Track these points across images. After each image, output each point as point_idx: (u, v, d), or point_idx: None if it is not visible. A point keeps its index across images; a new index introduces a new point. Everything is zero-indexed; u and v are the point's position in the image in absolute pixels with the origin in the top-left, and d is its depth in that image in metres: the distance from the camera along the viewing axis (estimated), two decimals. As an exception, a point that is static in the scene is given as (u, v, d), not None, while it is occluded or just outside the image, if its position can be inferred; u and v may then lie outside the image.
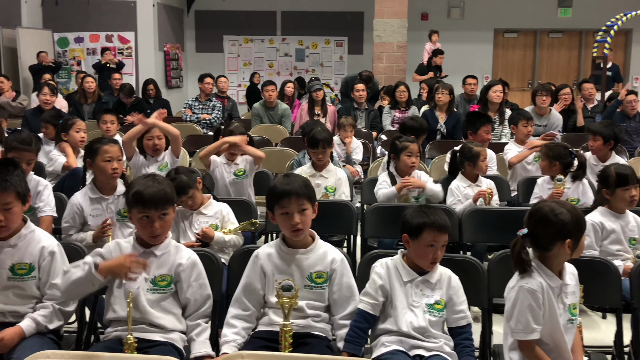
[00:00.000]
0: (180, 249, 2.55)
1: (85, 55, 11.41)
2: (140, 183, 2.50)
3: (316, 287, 2.49)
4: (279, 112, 7.57)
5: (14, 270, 2.47)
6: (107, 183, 3.46)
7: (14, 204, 2.46)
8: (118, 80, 8.77)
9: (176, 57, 12.55)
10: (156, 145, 4.33)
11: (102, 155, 3.45)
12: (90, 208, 3.42)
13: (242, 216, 3.58)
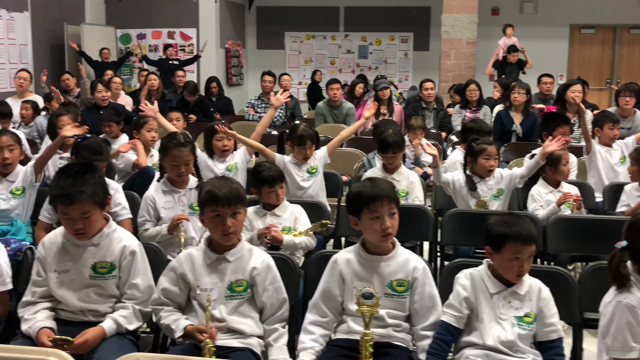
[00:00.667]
0: (253, 252, 2.58)
1: (147, 52, 11.69)
2: (213, 183, 2.56)
3: (397, 296, 2.47)
4: (344, 111, 7.57)
5: (96, 268, 2.54)
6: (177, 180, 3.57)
7: (92, 212, 2.52)
8: (181, 77, 8.95)
9: (237, 54, 12.72)
10: (225, 145, 4.40)
11: (171, 158, 3.54)
12: (162, 200, 3.54)
13: (314, 218, 3.60)
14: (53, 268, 2.55)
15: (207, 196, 2.50)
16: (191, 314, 2.52)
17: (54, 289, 2.54)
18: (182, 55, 11.52)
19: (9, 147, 3.77)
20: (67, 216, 2.49)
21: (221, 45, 11.93)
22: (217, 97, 9.02)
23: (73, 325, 2.51)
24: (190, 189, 3.60)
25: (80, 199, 2.47)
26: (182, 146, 3.55)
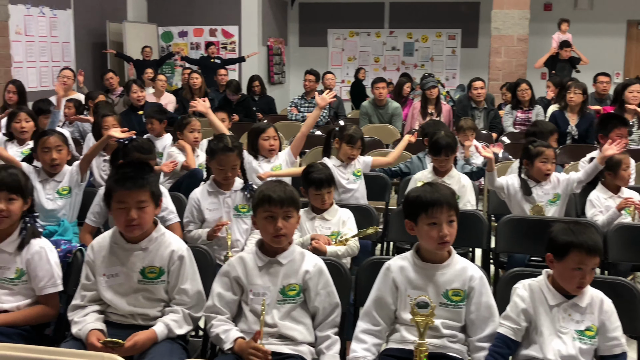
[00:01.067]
0: (305, 256, 2.60)
1: (189, 50, 11.87)
2: (268, 185, 2.60)
3: (452, 306, 2.46)
4: (389, 111, 7.55)
5: (144, 273, 2.59)
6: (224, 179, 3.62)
7: (148, 204, 2.59)
8: (224, 76, 9.04)
9: (279, 52, 12.80)
10: (272, 145, 4.43)
11: (218, 162, 3.58)
12: (207, 202, 3.60)
13: (362, 222, 3.60)
14: (102, 272, 2.61)
15: (261, 197, 2.54)
16: (241, 320, 2.55)
17: (103, 292, 2.60)
18: (224, 53, 11.66)
19: (57, 147, 3.86)
20: (122, 204, 2.55)
21: (263, 42, 12.02)
22: (260, 96, 9.09)
23: (123, 328, 2.56)
24: (235, 191, 3.64)
25: (141, 185, 2.57)
26: (229, 151, 3.59)
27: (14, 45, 8.54)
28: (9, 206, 2.68)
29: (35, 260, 2.68)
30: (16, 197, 2.70)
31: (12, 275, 2.67)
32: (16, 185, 2.70)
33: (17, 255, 2.69)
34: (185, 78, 8.87)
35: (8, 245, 2.70)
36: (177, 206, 3.77)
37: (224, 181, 3.61)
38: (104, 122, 4.86)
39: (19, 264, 2.68)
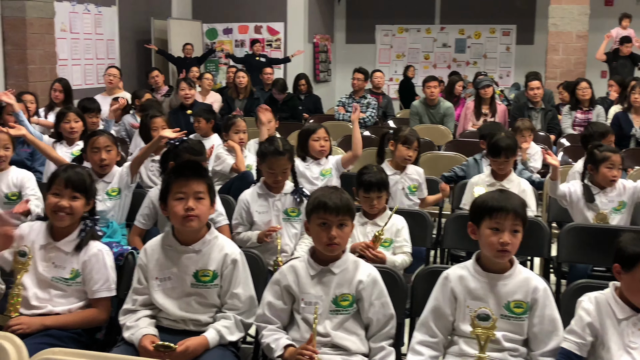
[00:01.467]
0: (359, 265, 2.60)
1: (234, 47, 11.99)
2: (323, 191, 2.61)
3: (514, 318, 2.44)
4: (441, 111, 7.51)
5: (198, 276, 2.63)
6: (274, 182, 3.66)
7: (205, 196, 2.65)
8: (269, 75, 9.11)
9: (325, 49, 12.83)
10: (323, 146, 4.45)
11: (268, 165, 3.62)
12: (256, 204, 3.64)
13: (415, 229, 3.59)
14: (154, 275, 2.66)
15: (316, 203, 2.55)
16: (293, 328, 2.57)
17: (155, 297, 2.65)
18: (269, 50, 11.74)
19: (106, 147, 3.95)
20: (181, 194, 2.61)
21: (309, 39, 12.07)
22: (306, 95, 9.12)
23: (174, 333, 2.60)
24: (285, 194, 3.67)
25: (200, 175, 2.65)
26: (280, 154, 3.63)
27: (59, 43, 8.76)
28: (72, 204, 2.77)
29: (92, 262, 2.76)
30: (80, 196, 2.79)
31: (67, 276, 2.75)
32: (81, 184, 2.80)
33: (74, 255, 2.77)
34: (231, 77, 8.98)
35: (66, 244, 2.78)
36: (226, 209, 3.82)
37: (275, 184, 3.65)
38: (152, 123, 4.93)
39: (75, 265, 2.76)
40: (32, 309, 2.70)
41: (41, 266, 2.76)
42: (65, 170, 2.84)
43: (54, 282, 2.75)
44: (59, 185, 2.78)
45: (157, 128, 4.83)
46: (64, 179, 2.79)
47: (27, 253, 2.71)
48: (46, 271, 2.76)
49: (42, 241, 2.79)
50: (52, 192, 2.79)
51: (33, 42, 8.13)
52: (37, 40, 8.21)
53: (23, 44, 8.06)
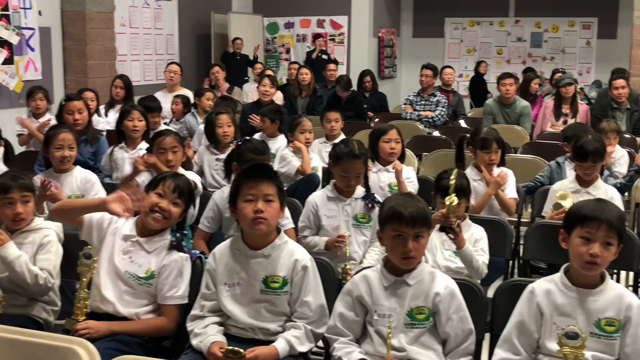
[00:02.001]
0: (435, 276, 2.59)
1: (295, 42, 12.09)
2: (398, 199, 2.60)
3: (605, 337, 2.39)
4: (517, 111, 7.38)
5: (267, 283, 2.67)
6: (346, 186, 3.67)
7: (274, 199, 2.69)
8: (333, 71, 9.13)
9: (391, 44, 12.80)
10: (393, 149, 4.43)
11: (342, 168, 3.62)
12: (325, 207, 3.66)
13: (494, 238, 3.55)
14: (223, 281, 2.71)
15: (390, 213, 2.54)
16: (366, 341, 2.58)
17: (224, 303, 2.70)
18: (332, 45, 11.78)
19: (172, 148, 4.04)
20: (250, 197, 2.66)
21: (374, 34, 12.06)
22: (371, 92, 9.12)
23: (242, 342, 2.64)
24: (356, 199, 3.68)
25: (270, 176, 2.71)
26: (355, 158, 3.62)
27: (118, 38, 8.98)
28: (172, 209, 2.87)
29: (170, 267, 2.84)
30: (181, 203, 2.90)
31: (141, 274, 2.83)
32: (187, 192, 2.92)
33: (154, 256, 2.85)
34: (293, 73, 9.03)
35: (150, 243, 2.87)
36: (292, 212, 3.86)
37: (346, 189, 3.66)
38: (217, 119, 5.00)
39: (153, 266, 2.84)
40: (100, 302, 2.78)
41: (118, 257, 2.86)
42: (174, 176, 2.95)
43: (125, 277, 2.83)
44: (166, 187, 2.88)
45: (222, 125, 4.91)
46: (173, 182, 2.89)
47: (92, 255, 2.79)
48: (121, 263, 2.85)
49: (127, 231, 2.90)
50: (157, 191, 2.88)
51: (93, 37, 8.36)
52: (97, 35, 8.43)
53: (83, 39, 8.29)
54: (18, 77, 7.50)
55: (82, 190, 4.04)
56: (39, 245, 3.05)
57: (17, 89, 7.46)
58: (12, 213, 3.06)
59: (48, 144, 4.04)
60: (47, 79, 8.03)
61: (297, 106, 8.31)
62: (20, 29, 7.52)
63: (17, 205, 3.07)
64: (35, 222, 3.14)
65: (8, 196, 3.07)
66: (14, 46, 7.49)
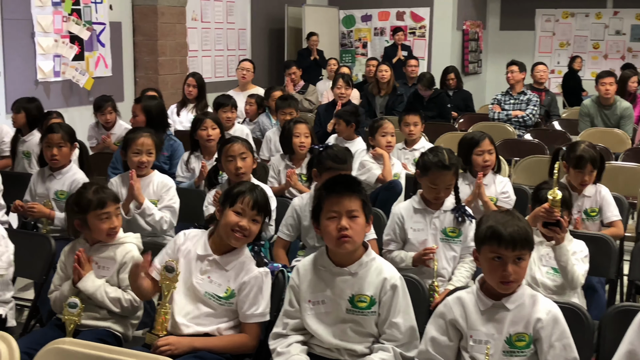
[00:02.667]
0: (537, 300, 2.54)
1: (372, 36, 12.08)
2: (497, 218, 2.55)
3: None
4: (617, 112, 7.20)
5: (354, 302, 2.68)
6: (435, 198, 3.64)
7: (359, 214, 2.69)
8: (414, 67, 9.09)
9: (476, 37, 12.65)
10: (487, 161, 4.36)
11: (430, 178, 3.59)
12: (411, 220, 3.64)
13: (596, 254, 3.47)
14: (307, 298, 2.74)
15: (489, 233, 2.51)
16: None
17: (308, 321, 2.73)
18: (412, 39, 11.72)
19: (241, 155, 4.08)
20: (333, 213, 2.68)
21: (458, 26, 11.94)
22: (455, 90, 9.04)
23: (327, 363, 2.68)
24: (445, 211, 3.64)
25: (353, 190, 2.71)
26: (445, 169, 3.57)
27: (189, 33, 9.17)
28: (252, 227, 2.92)
29: (250, 284, 2.88)
30: (260, 219, 2.94)
31: (221, 294, 2.88)
32: (265, 207, 2.97)
33: (233, 274, 2.90)
34: (371, 70, 9.03)
35: (228, 261, 2.92)
36: (374, 222, 3.83)
37: (435, 200, 3.63)
38: (295, 128, 4.98)
39: (232, 284, 2.89)
40: (178, 328, 2.85)
41: (195, 278, 2.91)
42: (251, 190, 2.95)
43: (205, 298, 2.89)
44: (244, 205, 2.91)
45: (300, 135, 4.93)
46: (252, 199, 2.92)
47: (174, 268, 2.86)
48: (200, 284, 2.90)
49: (201, 251, 2.94)
50: (235, 209, 2.90)
51: (164, 32, 8.55)
52: (168, 31, 8.62)
53: (154, 34, 8.49)
54: (88, 73, 7.75)
55: (158, 196, 4.14)
56: (122, 264, 3.15)
57: (87, 86, 7.71)
58: (108, 227, 3.16)
59: (126, 147, 4.16)
60: (117, 75, 8.28)
61: (376, 105, 8.31)
62: (91, 24, 7.77)
63: (112, 219, 3.18)
64: (117, 236, 3.23)
65: (105, 211, 3.16)
66: (84, 42, 7.74)
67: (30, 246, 3.53)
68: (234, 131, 6.03)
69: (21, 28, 7.08)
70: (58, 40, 7.41)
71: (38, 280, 3.48)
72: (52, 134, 4.31)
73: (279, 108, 6.24)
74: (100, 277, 3.13)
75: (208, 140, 5.03)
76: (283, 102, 6.27)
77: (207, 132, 5.03)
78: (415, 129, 5.68)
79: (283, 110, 6.15)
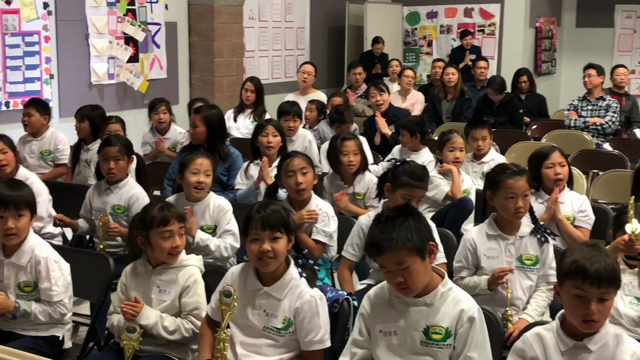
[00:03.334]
0: (621, 341, 2.51)
1: (438, 34, 12.00)
2: (582, 252, 2.52)
3: None
4: None
5: (428, 333, 2.69)
6: (509, 221, 3.61)
7: (409, 262, 2.64)
8: (484, 69, 9.01)
9: (550, 35, 12.48)
10: (558, 174, 4.32)
11: (504, 191, 3.57)
12: (485, 247, 3.62)
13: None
14: (378, 328, 2.75)
15: (573, 268, 2.48)
16: None
17: (378, 353, 2.74)
18: (481, 37, 11.62)
19: (302, 169, 4.09)
20: (385, 269, 2.69)
21: (530, 24, 11.79)
22: (527, 94, 8.92)
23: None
24: (521, 237, 3.61)
25: (394, 246, 2.64)
26: (518, 174, 3.57)
27: (246, 33, 9.27)
28: (274, 246, 2.93)
29: (304, 310, 2.91)
30: (281, 235, 2.95)
31: (279, 325, 2.92)
32: (279, 222, 2.96)
33: (287, 301, 2.94)
34: (437, 72, 9.00)
35: (277, 290, 2.96)
36: (444, 243, 3.83)
37: (514, 217, 3.58)
38: (343, 146, 4.94)
39: (287, 313, 2.92)
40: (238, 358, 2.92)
41: (252, 314, 2.97)
42: (259, 211, 2.97)
43: (265, 332, 2.95)
44: (255, 229, 2.94)
45: (348, 153, 4.93)
46: (260, 220, 2.94)
47: (232, 293, 2.91)
48: (257, 320, 2.96)
49: (250, 287, 3.00)
50: (251, 238, 2.94)
51: (220, 33, 8.66)
52: (225, 31, 8.73)
53: (210, 35, 8.61)
54: (143, 75, 7.91)
55: (215, 220, 4.14)
56: (185, 288, 3.22)
57: (142, 88, 7.88)
58: (170, 246, 3.22)
59: (183, 169, 4.18)
60: (172, 77, 8.45)
61: (442, 110, 8.28)
62: (146, 24, 7.95)
63: (175, 237, 3.24)
64: (180, 258, 3.30)
65: (168, 228, 3.23)
66: (139, 43, 7.92)
67: (87, 265, 3.61)
68: (297, 136, 6.09)
69: (75, 29, 7.29)
70: (113, 42, 7.61)
71: (96, 301, 3.55)
72: (110, 147, 4.39)
73: (334, 121, 6.28)
74: (161, 301, 3.21)
75: (268, 147, 5.10)
76: (339, 116, 6.28)
77: (267, 138, 5.09)
78: (483, 144, 5.64)
79: (339, 125, 6.21)
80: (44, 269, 3.32)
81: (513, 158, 6.38)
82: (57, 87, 7.15)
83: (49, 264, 3.33)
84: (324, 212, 4.12)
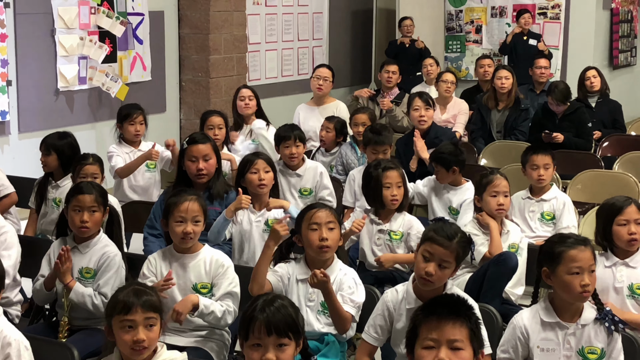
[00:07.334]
0: None
1: (488, 18, 11.92)
2: None
3: None
4: None
5: None
6: (571, 304, 3.59)
7: (465, 346, 2.76)
8: (544, 69, 8.92)
9: (629, 17, 12.43)
10: (633, 234, 4.29)
11: (566, 266, 3.53)
12: (539, 337, 3.56)
13: None
14: None
15: None
16: None
17: None
18: (542, 22, 11.53)
19: (328, 224, 4.04)
20: (430, 342, 2.77)
21: (604, 5, 11.72)
22: (599, 99, 8.80)
23: None
24: (583, 326, 3.55)
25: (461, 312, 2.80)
26: (582, 244, 3.53)
27: (250, 22, 9.26)
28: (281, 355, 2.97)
29: None
30: (288, 341, 2.99)
31: None
32: (285, 322, 3.00)
33: None
34: (487, 72, 8.91)
35: None
36: (486, 323, 3.81)
37: (579, 298, 3.52)
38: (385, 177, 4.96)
39: None
40: None
41: None
42: (262, 310, 2.99)
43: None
44: (258, 332, 2.95)
45: (391, 185, 4.92)
46: (263, 323, 2.95)
47: None
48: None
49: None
50: (252, 343, 2.96)
51: (217, 24, 8.68)
52: (223, 20, 8.75)
53: (204, 26, 8.64)
54: (122, 79, 7.93)
55: (212, 278, 4.15)
56: None
57: (121, 95, 7.92)
58: (131, 340, 3.22)
59: (167, 214, 4.20)
60: (157, 80, 8.50)
61: (491, 122, 8.17)
62: (125, 16, 7.97)
63: (138, 330, 3.23)
64: None
65: (128, 318, 3.24)
66: (117, 39, 7.94)
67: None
68: (304, 170, 5.93)
69: (38, 24, 7.34)
70: (84, 39, 7.65)
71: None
72: (83, 195, 4.37)
73: (370, 143, 6.05)
74: None
75: (260, 186, 5.00)
76: (377, 137, 6.03)
77: (258, 175, 4.96)
78: (546, 174, 5.55)
79: (375, 148, 6.01)
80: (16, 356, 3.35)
81: (578, 190, 6.33)
82: (15, 96, 7.19)
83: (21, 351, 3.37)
84: (351, 279, 4.12)
